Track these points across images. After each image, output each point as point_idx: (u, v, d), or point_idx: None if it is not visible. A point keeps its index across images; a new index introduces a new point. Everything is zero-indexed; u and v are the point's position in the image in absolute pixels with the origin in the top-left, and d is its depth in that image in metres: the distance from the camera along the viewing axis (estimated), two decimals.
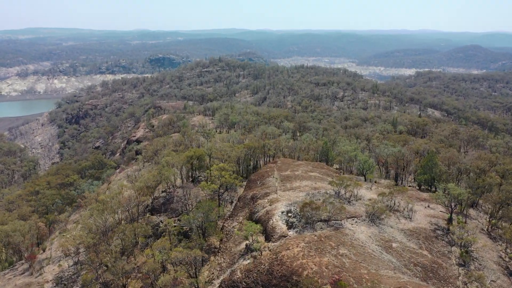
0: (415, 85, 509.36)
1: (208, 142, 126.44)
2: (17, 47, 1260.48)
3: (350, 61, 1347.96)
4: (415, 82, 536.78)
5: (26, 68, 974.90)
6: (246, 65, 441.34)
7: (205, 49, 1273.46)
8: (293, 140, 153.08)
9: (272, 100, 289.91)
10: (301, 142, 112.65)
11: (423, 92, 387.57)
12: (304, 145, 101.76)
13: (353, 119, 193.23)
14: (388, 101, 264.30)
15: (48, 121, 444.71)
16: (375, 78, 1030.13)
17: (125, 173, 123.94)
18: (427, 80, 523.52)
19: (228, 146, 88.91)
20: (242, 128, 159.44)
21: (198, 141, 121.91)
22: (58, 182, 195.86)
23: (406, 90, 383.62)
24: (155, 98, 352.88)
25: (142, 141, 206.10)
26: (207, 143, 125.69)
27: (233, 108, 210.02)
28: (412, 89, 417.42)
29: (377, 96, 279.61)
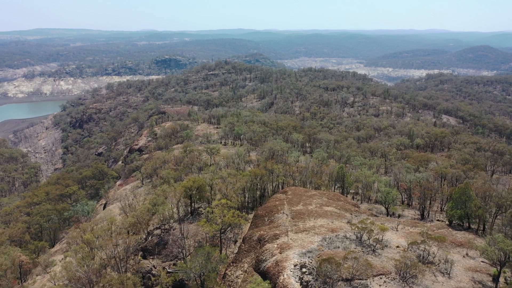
0: (426, 88, 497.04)
1: (211, 158, 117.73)
2: (25, 48, 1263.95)
3: (358, 62, 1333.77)
4: (426, 85, 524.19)
5: (33, 69, 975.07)
6: (253, 68, 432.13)
7: (212, 50, 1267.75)
8: (303, 154, 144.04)
9: (280, 106, 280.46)
10: (313, 161, 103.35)
11: (435, 96, 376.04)
12: (316, 168, 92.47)
13: (365, 129, 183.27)
14: (400, 107, 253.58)
15: (53, 125, 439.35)
16: (383, 79, 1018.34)
17: (123, 191, 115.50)
18: (439, 83, 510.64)
19: (232, 175, 79.89)
20: (248, 142, 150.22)
21: (200, 159, 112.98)
22: (57, 193, 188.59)
23: (417, 94, 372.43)
24: (159, 102, 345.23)
25: (144, 150, 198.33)
26: (210, 159, 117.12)
27: (239, 116, 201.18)
28: (424, 93, 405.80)
29: (388, 102, 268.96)
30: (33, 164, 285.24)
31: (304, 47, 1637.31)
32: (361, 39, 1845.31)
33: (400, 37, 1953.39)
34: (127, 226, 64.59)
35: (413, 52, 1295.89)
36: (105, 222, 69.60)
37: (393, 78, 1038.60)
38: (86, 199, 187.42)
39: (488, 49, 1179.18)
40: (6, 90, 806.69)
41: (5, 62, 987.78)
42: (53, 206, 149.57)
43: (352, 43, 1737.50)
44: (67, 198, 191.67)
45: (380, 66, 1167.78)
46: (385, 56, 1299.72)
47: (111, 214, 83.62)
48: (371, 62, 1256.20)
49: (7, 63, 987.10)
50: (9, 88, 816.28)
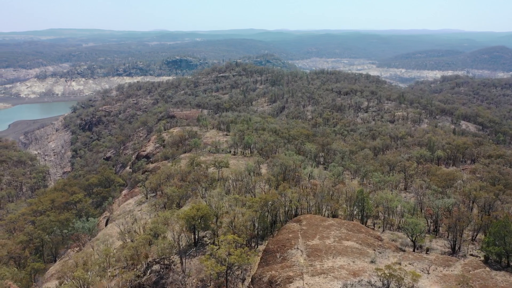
0: (441, 91, 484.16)
1: (219, 173, 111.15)
2: (38, 48, 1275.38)
3: (370, 63, 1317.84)
4: (441, 87, 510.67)
5: (46, 69, 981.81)
6: (264, 70, 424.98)
7: (223, 50, 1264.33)
8: (317, 165, 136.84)
9: (291, 110, 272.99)
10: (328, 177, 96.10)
11: (452, 100, 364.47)
12: (332, 188, 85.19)
13: (381, 138, 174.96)
14: (417, 113, 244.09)
15: (63, 126, 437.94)
16: (396, 80, 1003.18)
17: (126, 206, 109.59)
18: (454, 86, 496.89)
19: (240, 201, 73.06)
20: (258, 152, 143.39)
21: (207, 173, 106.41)
22: (62, 201, 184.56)
23: (433, 97, 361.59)
24: (169, 105, 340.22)
25: (151, 157, 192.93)
26: (218, 173, 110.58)
27: (249, 123, 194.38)
28: (439, 96, 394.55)
29: (404, 107, 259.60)
30: (41, 168, 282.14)
31: (316, 47, 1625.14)
32: (373, 39, 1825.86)
33: (413, 37, 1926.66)
34: (124, 259, 58.41)
35: (426, 52, 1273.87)
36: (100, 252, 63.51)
37: (406, 79, 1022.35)
38: (92, 207, 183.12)
39: (504, 49, 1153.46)
40: (19, 90, 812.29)
41: (19, 63, 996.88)
42: (56, 217, 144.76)
43: (364, 44, 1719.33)
44: (73, 206, 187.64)
45: (392, 67, 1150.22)
46: (398, 57, 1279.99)
47: (109, 239, 77.52)
48: (383, 63, 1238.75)
49: (20, 63, 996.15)
50: (21, 88, 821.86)
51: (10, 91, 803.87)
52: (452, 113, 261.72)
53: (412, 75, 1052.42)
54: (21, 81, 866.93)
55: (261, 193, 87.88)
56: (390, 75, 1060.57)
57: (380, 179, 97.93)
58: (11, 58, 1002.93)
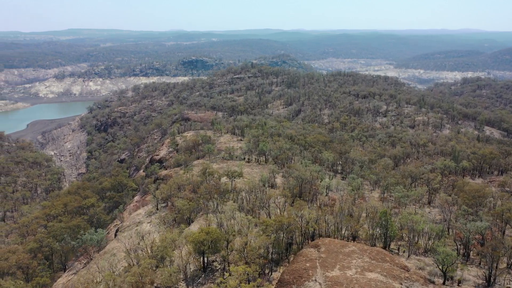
0: (462, 93, 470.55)
1: (232, 184, 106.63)
2: (57, 48, 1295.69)
3: (388, 63, 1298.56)
4: (462, 90, 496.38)
5: (64, 69, 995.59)
6: (280, 72, 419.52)
7: (239, 51, 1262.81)
8: (334, 174, 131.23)
9: (307, 114, 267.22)
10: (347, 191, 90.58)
11: (473, 103, 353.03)
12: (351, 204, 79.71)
13: (401, 145, 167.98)
14: (438, 118, 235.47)
15: (79, 127, 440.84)
16: (414, 81, 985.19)
17: (136, 217, 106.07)
18: (476, 88, 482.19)
19: (252, 222, 68.27)
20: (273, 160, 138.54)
21: (219, 184, 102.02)
22: (75, 206, 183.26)
23: (454, 100, 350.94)
24: (184, 107, 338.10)
25: (164, 162, 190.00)
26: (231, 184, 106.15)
27: (264, 128, 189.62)
28: (460, 99, 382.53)
29: (424, 111, 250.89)
30: (56, 169, 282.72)
31: (332, 47, 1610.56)
32: (391, 40, 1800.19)
33: (432, 37, 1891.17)
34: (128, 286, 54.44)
35: (445, 53, 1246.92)
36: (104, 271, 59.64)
37: (425, 80, 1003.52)
38: (104, 212, 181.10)
39: None
40: (38, 90, 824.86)
41: (38, 62, 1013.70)
42: (66, 224, 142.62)
43: (381, 44, 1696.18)
44: (86, 211, 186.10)
45: (411, 68, 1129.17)
46: (416, 57, 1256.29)
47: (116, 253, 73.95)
48: (401, 64, 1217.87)
49: (40, 63, 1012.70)
50: (40, 88, 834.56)
51: (29, 91, 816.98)
52: (475, 118, 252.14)
53: (431, 76, 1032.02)
54: (40, 81, 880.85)
55: (276, 209, 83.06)
56: (408, 76, 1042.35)
57: (403, 194, 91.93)
58: (31, 58, 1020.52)
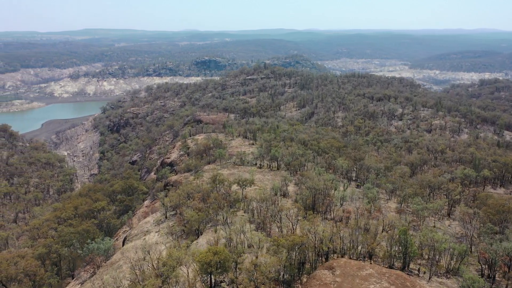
0: (479, 95, 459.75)
1: (243, 192, 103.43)
2: (72, 48, 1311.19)
3: (402, 64, 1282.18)
4: (480, 92, 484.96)
5: (79, 69, 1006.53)
6: (293, 73, 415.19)
7: (252, 51, 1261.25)
8: (348, 181, 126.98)
9: (321, 117, 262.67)
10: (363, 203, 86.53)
11: (492, 106, 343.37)
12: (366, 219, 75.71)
13: (418, 151, 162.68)
14: (456, 122, 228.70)
15: (92, 127, 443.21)
16: (429, 82, 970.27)
17: (145, 225, 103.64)
18: (494, 90, 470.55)
19: (263, 241, 64.83)
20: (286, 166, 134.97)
21: (230, 192, 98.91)
22: (86, 209, 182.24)
23: (471, 102, 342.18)
24: (196, 108, 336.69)
25: (175, 165, 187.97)
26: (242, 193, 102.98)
27: (276, 131, 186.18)
28: (478, 102, 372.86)
29: (441, 115, 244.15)
30: (69, 170, 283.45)
31: (346, 47, 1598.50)
32: (405, 40, 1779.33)
33: (447, 37, 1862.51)
34: None
35: (461, 53, 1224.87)
36: None
37: (440, 81, 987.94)
38: (114, 216, 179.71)
39: None
40: (53, 90, 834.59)
41: (53, 62, 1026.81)
42: (76, 229, 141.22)
43: (395, 44, 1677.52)
44: (96, 214, 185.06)
45: (426, 68, 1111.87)
46: (431, 58, 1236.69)
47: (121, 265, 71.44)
48: (416, 64, 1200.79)
49: (55, 63, 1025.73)
50: (55, 88, 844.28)
51: (44, 91, 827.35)
52: (494, 122, 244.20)
53: (447, 77, 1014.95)
54: (55, 81, 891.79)
55: (288, 221, 79.51)
56: (423, 77, 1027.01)
57: (422, 206, 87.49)
58: (46, 58, 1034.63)
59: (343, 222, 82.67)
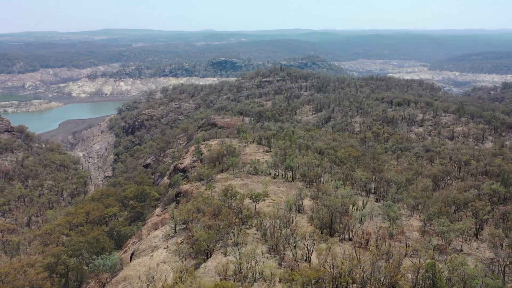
0: (503, 99, 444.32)
1: (255, 208, 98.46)
2: (91, 48, 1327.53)
3: (421, 65, 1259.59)
4: (503, 95, 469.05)
5: (97, 69, 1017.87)
6: (309, 75, 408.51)
7: (268, 51, 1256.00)
8: (367, 195, 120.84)
9: (338, 121, 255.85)
10: (384, 226, 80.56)
11: None
12: (391, 246, 69.82)
13: (441, 162, 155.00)
14: (480, 128, 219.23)
15: (107, 128, 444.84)
16: (449, 84, 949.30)
17: (153, 240, 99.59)
18: None
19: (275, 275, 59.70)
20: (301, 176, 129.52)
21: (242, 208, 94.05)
22: (97, 215, 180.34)
23: (494, 107, 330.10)
24: (211, 111, 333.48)
25: (187, 171, 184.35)
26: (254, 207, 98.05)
27: (292, 138, 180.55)
28: (502, 106, 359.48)
29: (464, 121, 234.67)
30: (83, 173, 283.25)
31: (363, 48, 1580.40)
32: (424, 40, 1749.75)
33: (468, 38, 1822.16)
34: None
35: (482, 54, 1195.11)
36: None
37: (461, 83, 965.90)
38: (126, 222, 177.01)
39: None
40: (71, 90, 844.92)
41: (72, 62, 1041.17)
42: (85, 238, 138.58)
43: (414, 44, 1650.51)
44: (108, 219, 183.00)
45: (445, 70, 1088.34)
46: (451, 59, 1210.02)
47: None
48: (435, 65, 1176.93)
49: (74, 63, 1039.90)
50: (73, 88, 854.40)
51: (63, 90, 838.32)
52: None
53: (467, 79, 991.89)
54: (73, 81, 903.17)
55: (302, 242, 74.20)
56: (442, 79, 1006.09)
57: (448, 228, 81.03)
58: (65, 58, 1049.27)
59: (362, 245, 76.96)
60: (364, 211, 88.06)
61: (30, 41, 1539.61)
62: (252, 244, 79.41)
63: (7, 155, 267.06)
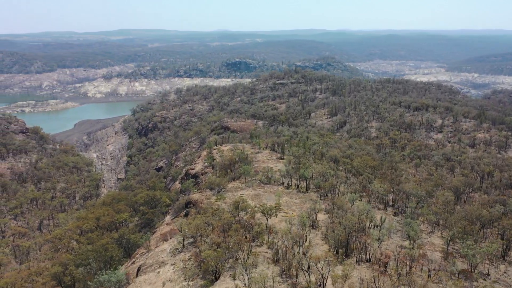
0: None
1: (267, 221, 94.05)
2: (107, 48, 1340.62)
3: (438, 66, 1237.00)
4: None
5: (112, 70, 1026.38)
6: (325, 78, 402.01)
7: (283, 52, 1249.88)
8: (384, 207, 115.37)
9: (353, 126, 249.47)
10: (405, 250, 75.22)
11: None
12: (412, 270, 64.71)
13: (463, 172, 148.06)
14: (502, 136, 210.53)
15: (121, 129, 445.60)
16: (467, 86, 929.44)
17: (160, 254, 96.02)
18: None
19: None
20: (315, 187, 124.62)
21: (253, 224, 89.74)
22: (107, 221, 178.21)
23: None
24: (224, 114, 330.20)
25: (199, 177, 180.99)
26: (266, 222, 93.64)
27: (306, 145, 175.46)
28: None
29: (486, 128, 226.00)
30: (96, 175, 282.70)
31: (379, 48, 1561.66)
32: (441, 40, 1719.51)
33: (487, 38, 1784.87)
34: None
35: (502, 55, 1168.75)
36: None
37: (479, 85, 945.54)
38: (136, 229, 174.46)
39: None
40: (87, 90, 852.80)
41: (88, 63, 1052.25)
42: (93, 247, 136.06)
43: (431, 45, 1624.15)
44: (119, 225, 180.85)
45: (463, 71, 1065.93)
46: (470, 60, 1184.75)
47: None
48: (453, 67, 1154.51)
49: (90, 63, 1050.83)
50: (89, 88, 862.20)
51: (79, 91, 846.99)
52: None
53: (486, 81, 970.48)
54: (89, 81, 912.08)
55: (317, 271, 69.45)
56: (460, 80, 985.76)
57: (474, 251, 75.30)
58: (82, 58, 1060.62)
59: (380, 268, 71.89)
60: (382, 232, 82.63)
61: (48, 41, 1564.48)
62: (262, 265, 75.10)
63: (21, 156, 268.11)
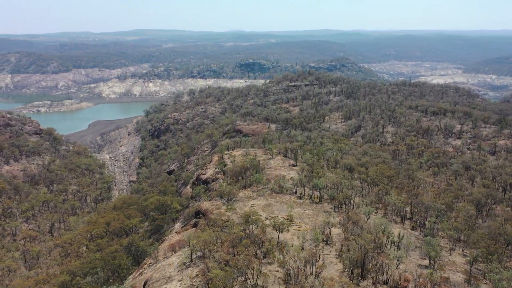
0: None
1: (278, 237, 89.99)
2: (122, 49, 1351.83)
3: (455, 67, 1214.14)
4: None
5: (127, 70, 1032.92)
6: (339, 80, 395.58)
7: (297, 53, 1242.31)
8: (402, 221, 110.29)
9: (368, 131, 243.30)
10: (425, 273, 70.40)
11: None
12: None
13: (484, 183, 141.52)
14: None
15: (134, 131, 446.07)
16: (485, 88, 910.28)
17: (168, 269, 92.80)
18: None
19: None
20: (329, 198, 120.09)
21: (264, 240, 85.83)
22: (117, 226, 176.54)
23: None
24: (236, 116, 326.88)
25: (210, 183, 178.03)
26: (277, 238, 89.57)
27: (319, 151, 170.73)
28: None
29: (507, 134, 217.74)
30: (107, 178, 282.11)
31: (394, 49, 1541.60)
32: (458, 41, 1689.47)
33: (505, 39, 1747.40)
34: None
35: None
36: None
37: (498, 87, 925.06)
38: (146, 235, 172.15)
39: None
40: (101, 90, 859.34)
41: (103, 63, 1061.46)
42: (101, 254, 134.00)
43: (447, 46, 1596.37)
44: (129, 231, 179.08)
45: (481, 73, 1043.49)
46: (487, 61, 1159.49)
47: None
48: (470, 68, 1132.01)
49: (105, 63, 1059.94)
50: (103, 88, 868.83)
51: (93, 91, 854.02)
52: None
53: (505, 82, 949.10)
54: (104, 81, 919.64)
55: None
56: (478, 82, 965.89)
57: (500, 276, 70.14)
58: (97, 59, 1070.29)
59: None
60: (400, 252, 77.81)
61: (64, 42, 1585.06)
62: (273, 286, 71.29)
63: (34, 158, 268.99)
